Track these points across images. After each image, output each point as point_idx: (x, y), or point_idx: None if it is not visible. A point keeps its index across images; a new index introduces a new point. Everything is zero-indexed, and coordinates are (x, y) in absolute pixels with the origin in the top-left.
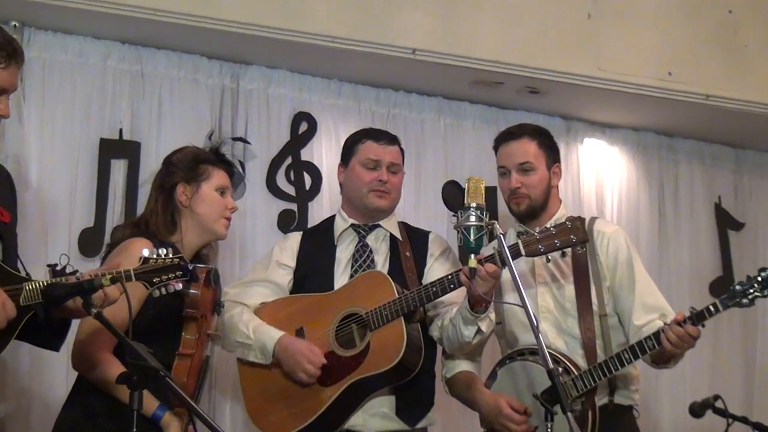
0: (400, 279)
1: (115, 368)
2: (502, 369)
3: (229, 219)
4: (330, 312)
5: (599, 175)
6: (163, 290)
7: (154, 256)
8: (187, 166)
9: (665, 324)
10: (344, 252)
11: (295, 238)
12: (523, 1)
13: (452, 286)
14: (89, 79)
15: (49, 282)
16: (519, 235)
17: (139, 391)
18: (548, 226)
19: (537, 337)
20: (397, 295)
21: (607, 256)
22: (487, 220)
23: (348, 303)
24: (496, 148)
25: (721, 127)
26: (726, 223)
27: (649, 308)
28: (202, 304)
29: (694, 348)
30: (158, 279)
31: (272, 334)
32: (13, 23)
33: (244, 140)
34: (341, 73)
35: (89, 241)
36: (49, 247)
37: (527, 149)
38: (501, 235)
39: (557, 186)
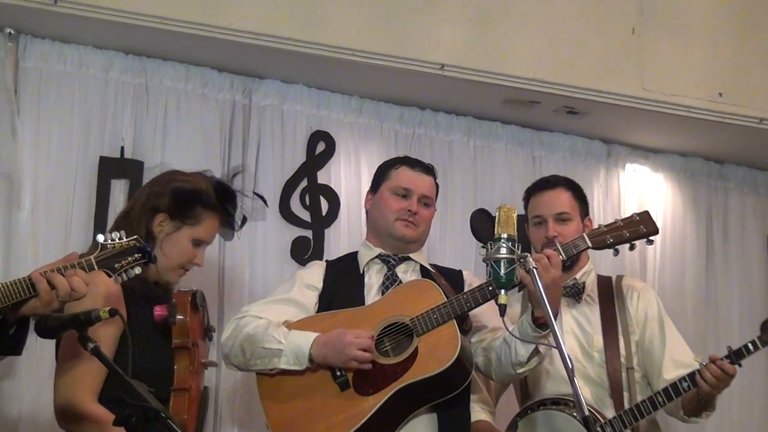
0: None
1: (106, 426)
2: (522, 420)
3: (187, 270)
4: (368, 324)
5: (642, 204)
6: (125, 276)
7: (110, 241)
8: (181, 199)
9: (701, 364)
10: (372, 279)
11: (320, 264)
12: (562, 14)
13: None
14: (89, 91)
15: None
16: None
17: None
18: (617, 219)
19: (572, 381)
20: (445, 299)
21: (637, 310)
22: (519, 252)
23: (388, 312)
24: (527, 198)
25: None
26: None
27: (679, 364)
28: (192, 331)
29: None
30: (119, 265)
31: (307, 335)
32: (8, 30)
33: (262, 198)
34: (362, 89)
35: None
36: None
37: (564, 199)
38: (534, 269)
39: None
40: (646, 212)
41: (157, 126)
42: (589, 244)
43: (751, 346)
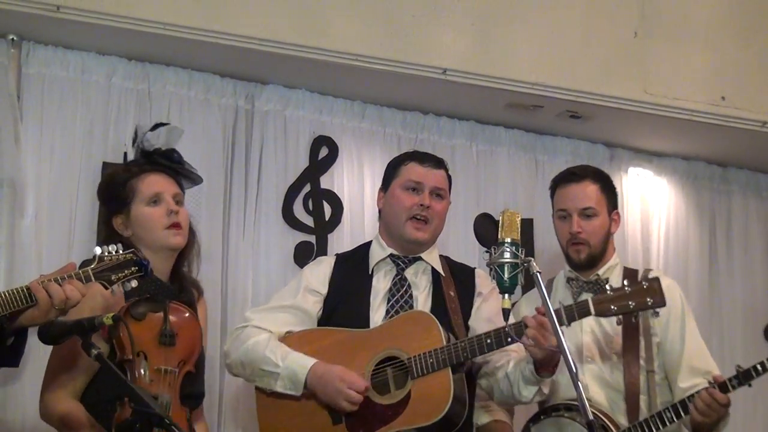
0: (444, 320)
1: (75, 417)
2: (535, 426)
3: (174, 225)
4: (366, 351)
5: (645, 207)
6: (121, 288)
7: (107, 254)
8: (110, 195)
9: (710, 382)
10: (380, 283)
11: (328, 262)
12: (564, 19)
13: (509, 340)
14: (92, 97)
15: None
16: (569, 281)
17: None
18: (624, 284)
19: (576, 386)
20: (444, 343)
21: (660, 310)
22: (523, 257)
23: (388, 344)
24: (553, 189)
25: None
26: None
27: (696, 371)
28: (134, 341)
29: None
30: (116, 277)
31: (304, 362)
32: (11, 37)
33: (163, 123)
34: (365, 94)
35: None
36: None
37: (590, 193)
38: (538, 274)
39: (614, 233)
40: (657, 281)
41: None
42: (593, 312)
43: (759, 368)
